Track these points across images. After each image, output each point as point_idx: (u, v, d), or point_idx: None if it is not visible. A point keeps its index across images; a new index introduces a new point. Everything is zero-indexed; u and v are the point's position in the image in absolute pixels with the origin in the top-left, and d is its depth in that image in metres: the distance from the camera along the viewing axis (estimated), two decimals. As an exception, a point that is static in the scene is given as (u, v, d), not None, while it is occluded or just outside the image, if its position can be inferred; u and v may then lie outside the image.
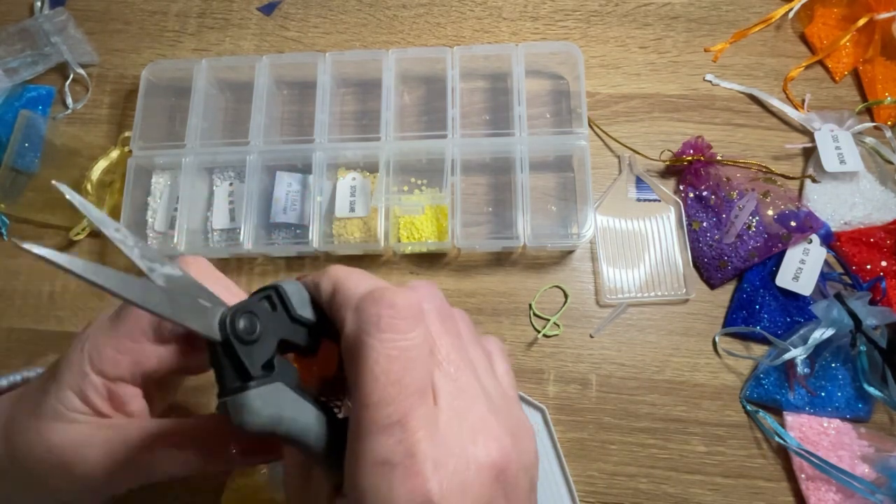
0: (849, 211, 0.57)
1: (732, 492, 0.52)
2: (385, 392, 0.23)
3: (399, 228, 0.58)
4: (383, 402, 0.23)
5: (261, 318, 0.25)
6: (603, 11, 0.66)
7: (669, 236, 0.58)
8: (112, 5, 0.69)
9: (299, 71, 0.63)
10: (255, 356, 0.24)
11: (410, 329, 0.24)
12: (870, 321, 0.50)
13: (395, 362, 0.24)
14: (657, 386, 0.55)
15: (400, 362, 0.24)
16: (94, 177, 0.59)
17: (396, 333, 0.24)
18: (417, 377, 0.24)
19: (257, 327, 0.24)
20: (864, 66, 0.62)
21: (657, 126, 0.61)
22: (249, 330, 0.24)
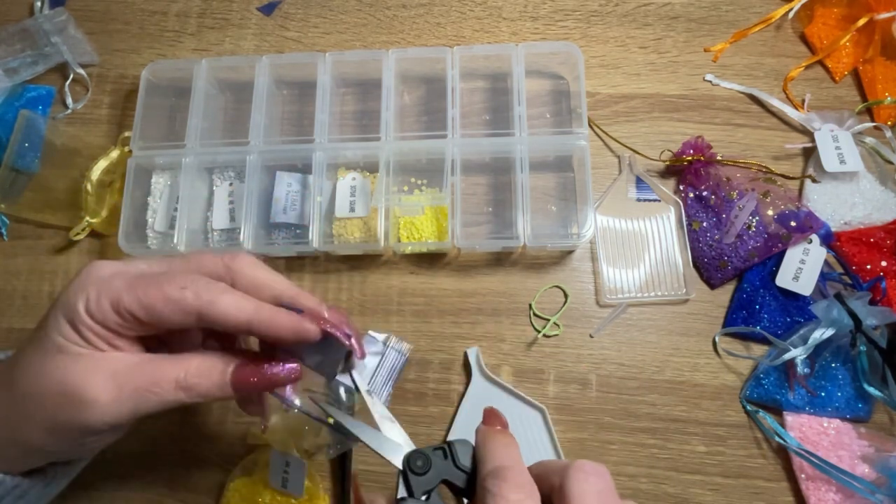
0: (849, 211, 0.57)
1: (732, 492, 0.52)
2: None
3: (399, 228, 0.58)
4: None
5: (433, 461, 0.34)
6: (603, 11, 0.66)
7: (669, 236, 0.58)
8: (112, 5, 0.69)
9: (299, 71, 0.63)
10: (420, 484, 0.33)
11: None
12: (870, 321, 0.50)
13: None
14: (657, 386, 0.55)
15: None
16: (94, 177, 0.59)
17: None
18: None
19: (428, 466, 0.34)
20: (864, 66, 0.62)
21: (657, 126, 0.61)
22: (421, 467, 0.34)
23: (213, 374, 0.35)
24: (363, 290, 0.58)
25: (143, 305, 0.34)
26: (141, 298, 0.34)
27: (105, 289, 0.34)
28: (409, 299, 0.58)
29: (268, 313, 0.35)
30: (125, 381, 0.34)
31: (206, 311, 0.34)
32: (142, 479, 0.54)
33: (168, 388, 0.34)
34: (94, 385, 0.33)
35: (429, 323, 0.57)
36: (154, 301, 0.34)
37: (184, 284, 0.34)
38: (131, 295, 0.34)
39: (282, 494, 0.51)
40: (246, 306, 0.34)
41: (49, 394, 0.34)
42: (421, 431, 0.54)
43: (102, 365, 0.34)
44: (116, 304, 0.34)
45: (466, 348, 0.55)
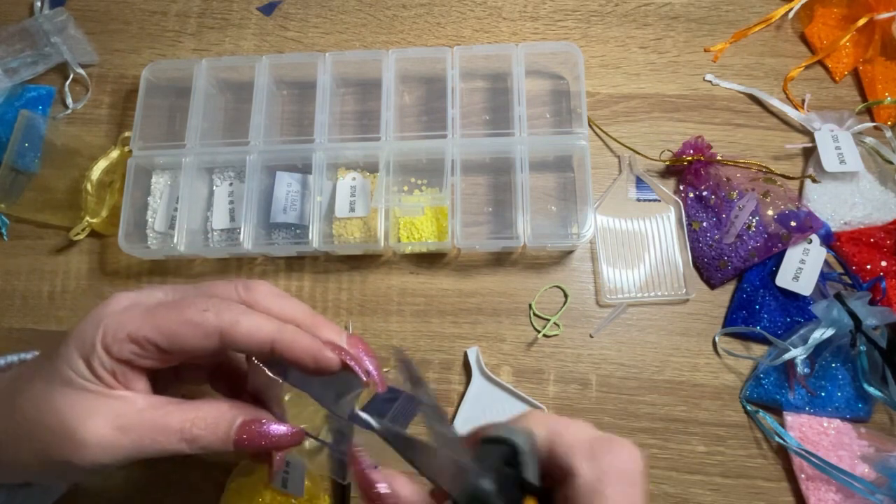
0: (849, 211, 0.57)
1: (732, 492, 0.52)
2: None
3: (399, 228, 0.58)
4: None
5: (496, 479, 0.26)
6: (603, 11, 0.66)
7: (669, 236, 0.58)
8: (112, 5, 0.69)
9: (299, 71, 0.63)
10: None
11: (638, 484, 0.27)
12: (870, 321, 0.50)
13: None
14: (657, 386, 0.55)
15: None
16: (94, 177, 0.59)
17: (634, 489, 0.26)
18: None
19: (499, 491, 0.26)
20: (864, 66, 0.62)
21: (657, 126, 0.61)
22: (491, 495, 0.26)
23: (219, 429, 0.34)
24: (363, 290, 0.58)
25: (164, 332, 0.33)
26: (160, 325, 0.33)
27: (123, 320, 0.33)
28: (409, 299, 0.58)
29: (290, 334, 0.33)
30: (128, 427, 0.33)
31: (228, 331, 0.33)
32: (142, 479, 0.54)
33: (171, 438, 0.33)
34: (93, 426, 0.32)
35: (429, 323, 0.57)
36: (175, 326, 0.33)
37: (205, 307, 0.33)
38: (150, 323, 0.33)
39: (282, 494, 0.51)
40: (268, 326, 0.33)
41: (46, 425, 0.33)
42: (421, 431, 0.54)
43: (107, 406, 0.33)
44: (135, 334, 0.33)
45: (466, 348, 0.55)
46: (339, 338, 0.35)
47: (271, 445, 0.35)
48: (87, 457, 0.32)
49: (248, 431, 0.34)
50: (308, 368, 0.34)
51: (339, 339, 0.35)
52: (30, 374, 0.35)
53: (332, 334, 0.35)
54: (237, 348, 0.33)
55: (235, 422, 0.34)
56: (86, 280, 0.60)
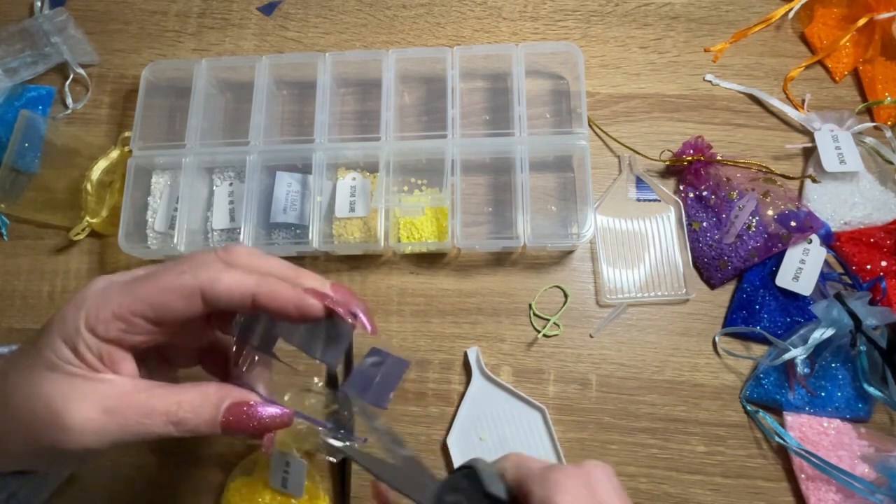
0: (849, 211, 0.57)
1: (732, 492, 0.52)
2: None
3: (399, 228, 0.58)
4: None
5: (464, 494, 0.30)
6: (603, 11, 0.66)
7: (669, 236, 0.58)
8: (112, 5, 0.69)
9: (299, 71, 0.63)
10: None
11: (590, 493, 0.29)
12: (870, 321, 0.50)
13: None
14: (657, 386, 0.55)
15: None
16: (94, 177, 0.59)
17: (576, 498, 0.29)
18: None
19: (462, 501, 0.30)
20: (864, 66, 0.62)
21: (657, 126, 0.61)
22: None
23: (206, 411, 0.34)
24: (363, 290, 0.58)
25: (147, 302, 0.33)
26: (142, 296, 0.33)
27: (104, 299, 0.33)
28: (409, 299, 0.58)
29: (271, 285, 0.33)
30: (114, 410, 0.33)
31: (209, 289, 0.33)
32: (142, 479, 0.54)
33: (158, 420, 0.33)
34: (80, 410, 0.32)
35: (429, 323, 0.57)
36: (156, 294, 0.33)
37: (182, 270, 0.33)
38: (131, 295, 0.33)
39: (282, 494, 0.51)
40: (248, 280, 0.33)
41: (33, 411, 0.32)
42: (421, 431, 0.54)
43: (93, 389, 0.33)
44: (118, 310, 0.33)
45: (466, 348, 0.55)
46: (322, 286, 0.35)
47: (261, 427, 0.35)
48: (75, 441, 0.32)
49: (235, 413, 0.34)
50: (292, 317, 0.34)
51: (324, 286, 0.35)
52: (14, 363, 0.34)
53: (314, 283, 0.35)
54: (220, 306, 0.33)
55: (223, 404, 0.34)
56: (86, 280, 0.60)
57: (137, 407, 0.33)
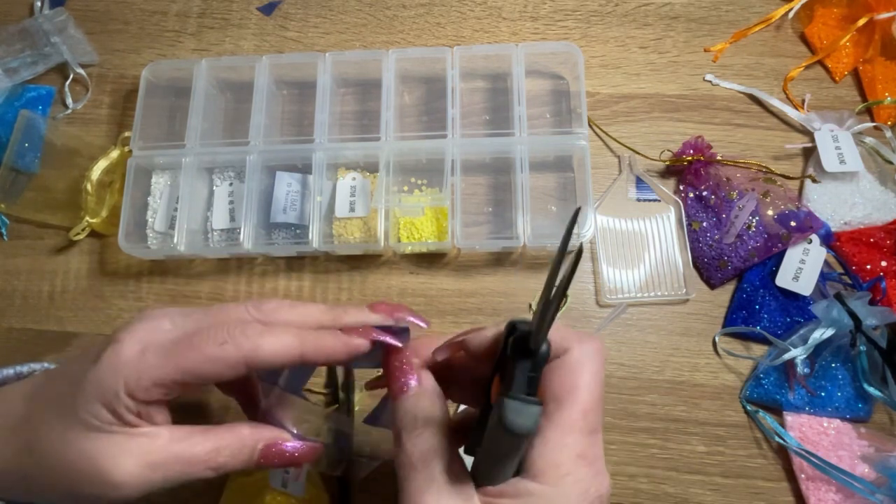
0: (849, 211, 0.57)
1: (732, 492, 0.52)
2: (595, 404, 0.32)
3: (399, 228, 0.58)
4: (593, 410, 0.31)
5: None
6: (603, 11, 0.66)
7: (669, 236, 0.58)
8: (112, 5, 0.69)
9: (299, 71, 0.63)
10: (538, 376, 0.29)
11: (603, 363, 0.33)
12: (870, 321, 0.50)
13: (601, 387, 0.32)
14: (657, 386, 0.55)
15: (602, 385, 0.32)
16: (93, 177, 0.59)
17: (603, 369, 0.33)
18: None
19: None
20: (864, 66, 0.62)
21: (657, 126, 0.61)
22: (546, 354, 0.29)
23: (243, 454, 0.36)
24: (363, 290, 0.58)
25: (188, 372, 0.33)
26: (183, 366, 0.34)
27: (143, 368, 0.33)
28: (409, 299, 0.58)
29: (313, 342, 0.34)
30: (157, 463, 0.34)
31: (252, 359, 0.33)
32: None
33: (199, 468, 0.35)
34: (125, 467, 0.33)
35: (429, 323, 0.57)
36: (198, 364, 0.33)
37: (222, 340, 0.34)
38: (171, 366, 0.34)
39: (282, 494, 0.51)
40: (290, 341, 0.34)
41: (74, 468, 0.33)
42: (421, 431, 0.54)
43: (134, 446, 0.34)
44: (160, 379, 0.33)
45: (466, 348, 0.55)
46: (363, 316, 0.37)
47: (292, 463, 0.37)
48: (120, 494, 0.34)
49: (268, 454, 0.36)
50: (343, 361, 0.36)
51: (365, 317, 0.37)
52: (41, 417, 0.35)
53: (354, 317, 0.36)
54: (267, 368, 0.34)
55: (258, 446, 0.36)
56: (86, 280, 0.60)
57: (179, 458, 0.35)
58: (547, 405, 0.31)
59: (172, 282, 0.60)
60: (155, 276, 0.60)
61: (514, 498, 0.30)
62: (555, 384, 0.32)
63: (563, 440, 0.30)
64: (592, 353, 0.32)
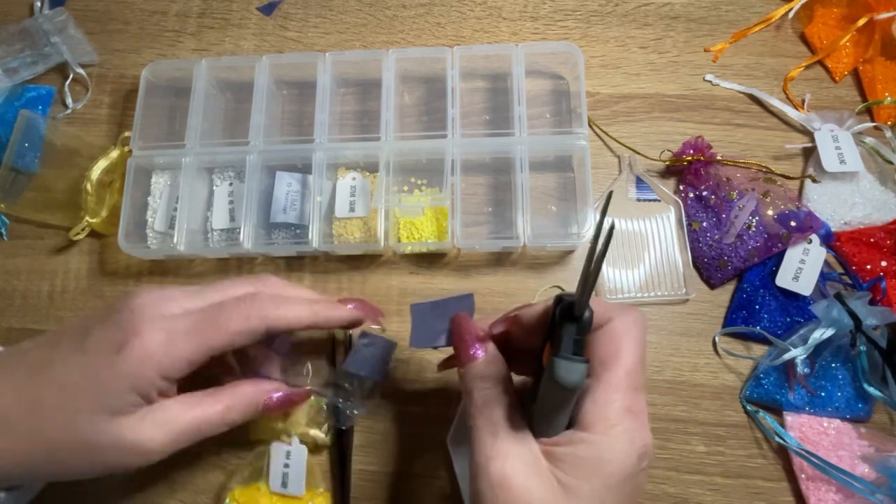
0: (849, 211, 0.57)
1: (732, 492, 0.52)
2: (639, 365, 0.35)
3: (399, 228, 0.58)
4: (638, 371, 0.34)
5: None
6: (603, 11, 0.66)
7: (669, 236, 0.58)
8: (112, 5, 0.69)
9: (299, 71, 0.63)
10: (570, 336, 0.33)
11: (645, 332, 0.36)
12: (870, 321, 0.50)
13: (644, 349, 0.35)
14: (657, 386, 0.55)
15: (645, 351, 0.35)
16: (93, 177, 0.59)
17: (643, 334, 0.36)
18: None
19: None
20: (864, 66, 0.62)
21: (657, 126, 0.61)
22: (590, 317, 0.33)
23: (250, 409, 0.44)
24: (363, 290, 0.58)
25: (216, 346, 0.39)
26: (211, 344, 0.39)
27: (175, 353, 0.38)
28: (410, 299, 0.58)
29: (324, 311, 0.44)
30: (179, 430, 0.40)
31: (274, 327, 0.41)
32: (141, 479, 0.54)
33: (214, 426, 0.42)
34: (155, 438, 0.39)
35: (429, 323, 0.57)
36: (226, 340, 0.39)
37: (246, 314, 0.40)
38: (202, 346, 0.39)
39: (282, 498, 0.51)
40: (304, 311, 0.42)
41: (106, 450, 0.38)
42: (421, 432, 0.54)
43: (159, 418, 0.39)
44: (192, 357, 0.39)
45: (466, 348, 0.55)
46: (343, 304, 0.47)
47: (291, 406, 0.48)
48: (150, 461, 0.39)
49: (271, 404, 0.45)
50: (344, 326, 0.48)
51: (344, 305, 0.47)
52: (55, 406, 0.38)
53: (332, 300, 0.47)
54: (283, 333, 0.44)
55: (260, 399, 0.44)
56: (86, 280, 0.60)
57: (195, 419, 0.41)
58: (594, 368, 0.35)
59: (172, 282, 0.60)
60: (155, 276, 0.60)
61: (568, 445, 0.33)
62: (601, 350, 0.35)
63: (610, 397, 0.33)
64: (633, 321, 0.36)
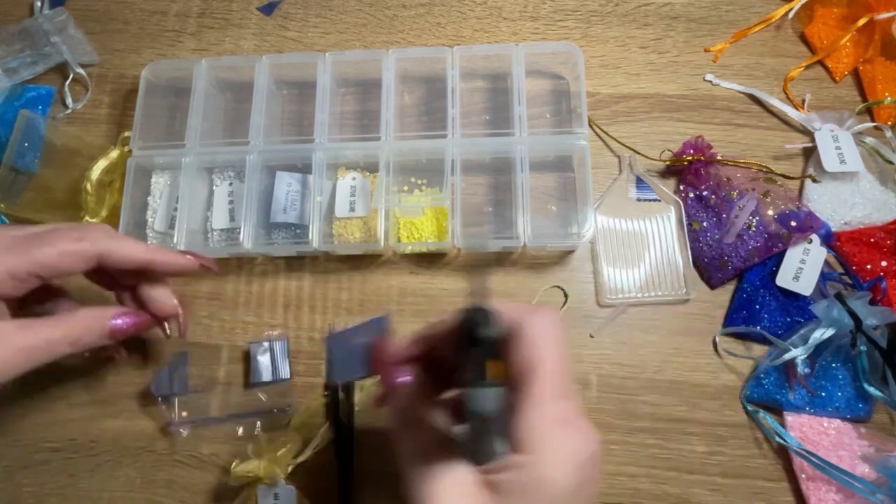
0: (849, 211, 0.57)
1: (733, 492, 0.52)
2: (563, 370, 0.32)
3: (399, 228, 0.58)
4: (561, 377, 0.32)
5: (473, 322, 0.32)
6: (603, 11, 0.66)
7: (669, 236, 0.58)
8: (112, 5, 0.69)
9: (299, 71, 0.63)
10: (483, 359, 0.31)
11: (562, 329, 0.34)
12: (870, 321, 0.50)
13: (565, 349, 0.33)
14: (657, 386, 0.54)
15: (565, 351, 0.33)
16: (93, 177, 0.59)
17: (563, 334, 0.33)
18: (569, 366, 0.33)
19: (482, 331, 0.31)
20: (864, 66, 0.62)
21: (657, 126, 0.61)
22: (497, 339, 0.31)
23: (96, 330, 0.43)
24: (363, 290, 0.58)
25: (43, 263, 0.38)
26: (38, 258, 0.38)
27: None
28: (410, 299, 0.58)
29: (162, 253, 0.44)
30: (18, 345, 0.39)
31: (108, 256, 0.41)
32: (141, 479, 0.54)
33: (61, 347, 0.41)
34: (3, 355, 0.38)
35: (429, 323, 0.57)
36: (54, 257, 0.39)
37: (79, 237, 0.40)
38: (28, 256, 0.38)
39: None
40: (141, 248, 0.43)
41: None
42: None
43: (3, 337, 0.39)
44: (15, 270, 0.38)
45: (466, 348, 0.55)
46: None
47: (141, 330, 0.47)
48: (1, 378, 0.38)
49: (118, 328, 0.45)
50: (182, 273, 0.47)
51: None
52: None
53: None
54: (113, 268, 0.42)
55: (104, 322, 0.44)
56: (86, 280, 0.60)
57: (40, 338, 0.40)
58: (516, 381, 0.32)
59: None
60: (155, 276, 0.60)
61: (504, 472, 0.31)
62: (519, 360, 0.33)
63: (537, 412, 0.31)
64: (547, 322, 0.33)
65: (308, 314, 0.58)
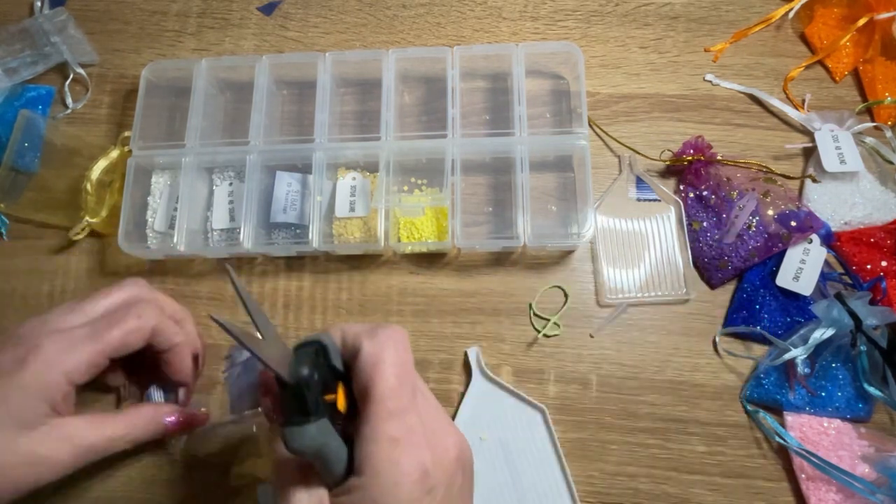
0: (849, 211, 0.57)
1: (733, 492, 0.52)
2: (394, 389, 0.33)
3: (399, 228, 0.58)
4: (393, 395, 0.32)
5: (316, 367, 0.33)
6: (603, 11, 0.66)
7: (669, 236, 0.58)
8: (112, 5, 0.69)
9: (299, 71, 0.63)
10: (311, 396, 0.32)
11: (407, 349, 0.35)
12: (870, 321, 0.50)
13: (400, 368, 0.33)
14: (657, 386, 0.54)
15: (404, 369, 0.34)
16: (93, 177, 0.59)
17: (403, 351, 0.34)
18: (411, 381, 0.34)
19: (314, 375, 0.32)
20: (864, 66, 0.62)
21: (657, 126, 0.61)
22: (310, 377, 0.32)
23: (152, 429, 0.46)
24: (363, 290, 0.58)
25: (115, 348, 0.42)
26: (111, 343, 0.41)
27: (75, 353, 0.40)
28: (410, 299, 0.58)
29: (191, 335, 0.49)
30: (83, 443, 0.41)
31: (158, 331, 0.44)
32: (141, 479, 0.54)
33: (119, 444, 0.44)
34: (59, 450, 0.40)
35: (429, 323, 0.57)
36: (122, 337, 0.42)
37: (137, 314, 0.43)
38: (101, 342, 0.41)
39: None
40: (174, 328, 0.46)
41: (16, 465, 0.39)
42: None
43: (62, 432, 0.41)
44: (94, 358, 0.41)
45: (466, 348, 0.55)
46: None
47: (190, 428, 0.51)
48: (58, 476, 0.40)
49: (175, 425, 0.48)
50: None
51: None
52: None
53: None
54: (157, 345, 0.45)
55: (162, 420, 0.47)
56: (85, 280, 0.60)
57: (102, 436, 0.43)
58: (358, 405, 0.34)
59: (172, 282, 0.60)
60: (155, 277, 0.60)
61: (346, 494, 0.32)
62: (358, 384, 0.34)
63: (372, 433, 0.32)
64: (385, 341, 0.34)
65: (308, 314, 0.58)
